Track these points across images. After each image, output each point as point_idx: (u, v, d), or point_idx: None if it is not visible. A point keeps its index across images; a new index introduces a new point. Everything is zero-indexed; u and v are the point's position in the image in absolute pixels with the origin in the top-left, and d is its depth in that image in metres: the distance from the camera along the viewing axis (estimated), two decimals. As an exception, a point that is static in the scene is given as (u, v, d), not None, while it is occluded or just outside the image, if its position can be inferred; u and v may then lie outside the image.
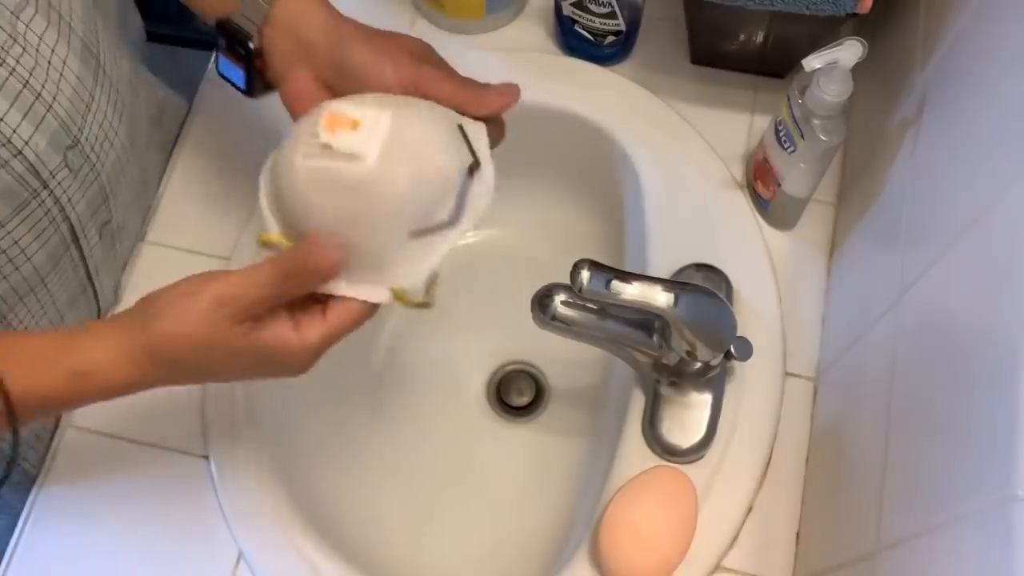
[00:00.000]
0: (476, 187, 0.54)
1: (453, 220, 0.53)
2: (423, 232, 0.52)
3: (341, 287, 0.52)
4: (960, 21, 0.59)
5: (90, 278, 0.71)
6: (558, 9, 0.81)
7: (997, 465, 0.39)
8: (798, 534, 0.68)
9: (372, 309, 0.53)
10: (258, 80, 0.61)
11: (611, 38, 0.81)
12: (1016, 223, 0.43)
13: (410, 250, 0.52)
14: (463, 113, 0.57)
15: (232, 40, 0.60)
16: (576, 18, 0.80)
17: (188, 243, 0.79)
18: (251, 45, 0.59)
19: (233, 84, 0.63)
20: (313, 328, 0.51)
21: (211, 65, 0.86)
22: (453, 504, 0.82)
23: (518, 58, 0.84)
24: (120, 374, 0.51)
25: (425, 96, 0.56)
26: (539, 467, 0.83)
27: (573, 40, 0.83)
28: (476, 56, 0.84)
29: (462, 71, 0.62)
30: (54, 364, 0.50)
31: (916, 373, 0.52)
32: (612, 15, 0.78)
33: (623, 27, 0.79)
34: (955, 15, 0.60)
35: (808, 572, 0.64)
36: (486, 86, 0.59)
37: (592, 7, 0.78)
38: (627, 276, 0.60)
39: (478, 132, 0.56)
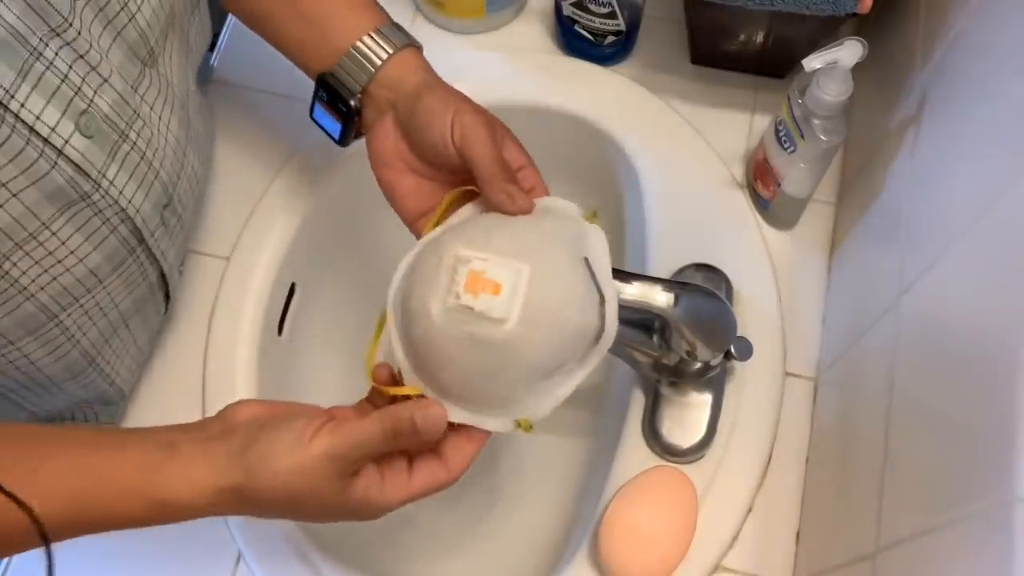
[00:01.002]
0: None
1: (582, 360, 0.53)
2: (552, 374, 0.52)
3: (466, 416, 0.52)
4: (960, 21, 0.59)
5: (167, 308, 0.72)
6: (558, 9, 0.81)
7: (997, 466, 0.39)
8: (798, 534, 0.68)
9: (454, 476, 0.53)
10: (352, 132, 0.63)
11: (611, 38, 0.81)
12: (1016, 223, 0.43)
13: (538, 389, 0.52)
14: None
15: (334, 95, 0.62)
16: (576, 18, 0.80)
17: (190, 243, 0.79)
18: (353, 104, 0.61)
19: (327, 132, 0.65)
20: (398, 489, 0.51)
21: (213, 63, 0.86)
22: (453, 504, 0.82)
23: (518, 58, 0.84)
24: (202, 506, 0.49)
25: (464, 152, 0.56)
26: (539, 467, 0.83)
27: (573, 40, 0.83)
28: (476, 56, 0.84)
29: (462, 71, 0.62)
30: (137, 494, 0.48)
31: (916, 373, 0.52)
32: (612, 15, 0.78)
33: (623, 27, 0.80)
34: (955, 15, 0.60)
35: (808, 572, 0.64)
36: (522, 178, 0.57)
37: (592, 7, 0.78)
38: (627, 276, 0.60)
39: (602, 258, 0.55)
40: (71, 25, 0.52)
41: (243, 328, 0.75)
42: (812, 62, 0.64)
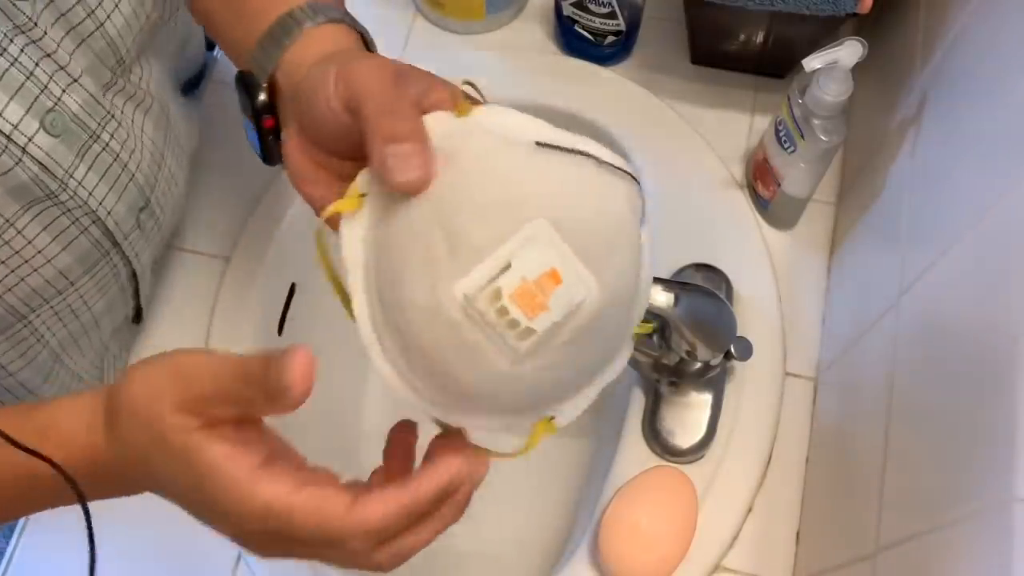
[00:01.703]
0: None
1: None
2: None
3: (479, 422, 0.42)
4: (960, 21, 0.59)
5: (139, 308, 0.71)
6: (558, 9, 0.81)
7: (997, 466, 0.39)
8: (798, 534, 0.68)
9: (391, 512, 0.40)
10: (275, 143, 0.51)
11: (611, 38, 0.81)
12: (1016, 223, 0.43)
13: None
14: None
15: (245, 95, 0.51)
16: (576, 18, 0.80)
17: (190, 243, 0.79)
18: (261, 98, 0.50)
19: (254, 150, 0.53)
20: (275, 483, 0.39)
21: (213, 63, 0.86)
22: (453, 504, 0.82)
23: (518, 58, 0.84)
24: (78, 432, 0.43)
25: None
26: (539, 467, 0.83)
27: (573, 40, 0.83)
28: (476, 56, 0.84)
29: (462, 71, 0.61)
30: (20, 429, 0.43)
31: (916, 373, 0.52)
32: (612, 15, 0.78)
33: (623, 27, 0.79)
34: (955, 15, 0.60)
35: (808, 572, 0.64)
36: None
37: (592, 7, 0.78)
38: (627, 276, 0.60)
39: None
40: (36, 25, 0.51)
41: (243, 328, 0.75)
42: (812, 62, 0.64)
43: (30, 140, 0.51)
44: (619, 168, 0.42)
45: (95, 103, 0.56)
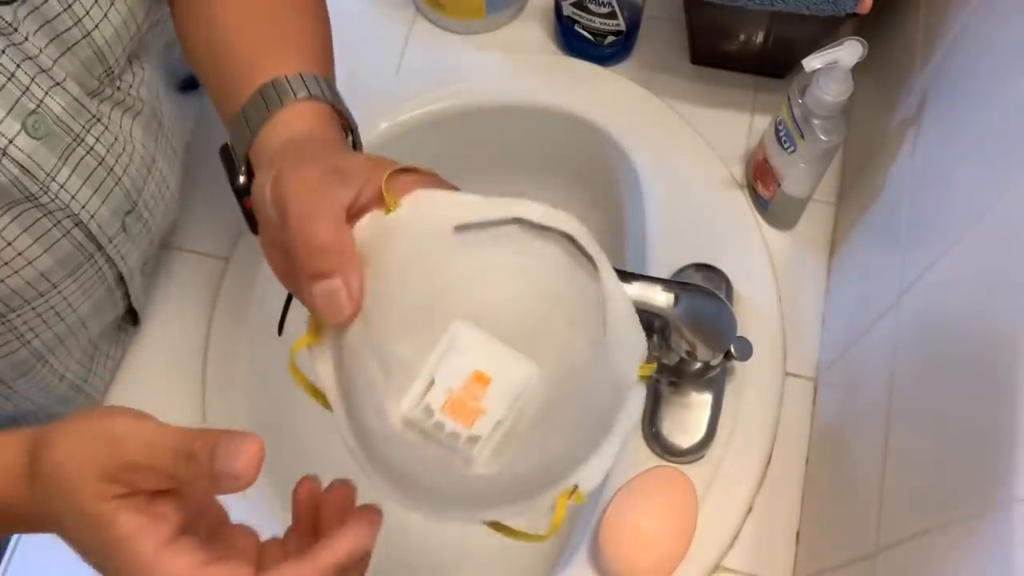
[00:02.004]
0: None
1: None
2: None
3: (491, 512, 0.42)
4: (960, 21, 0.59)
5: (131, 309, 0.71)
6: (558, 9, 0.81)
7: (997, 465, 0.39)
8: (798, 534, 0.68)
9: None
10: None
11: (611, 38, 0.81)
12: (1016, 223, 0.43)
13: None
14: None
15: (226, 170, 0.52)
16: (576, 18, 0.80)
17: (189, 243, 0.79)
18: (240, 180, 0.51)
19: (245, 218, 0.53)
20: (177, 560, 0.39)
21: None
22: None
23: (518, 58, 0.84)
24: (3, 461, 0.42)
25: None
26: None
27: (573, 40, 0.83)
28: (476, 56, 0.84)
29: (462, 71, 0.60)
30: None
31: (916, 373, 0.52)
32: (612, 15, 0.78)
33: (623, 27, 0.79)
34: (955, 15, 0.60)
35: (808, 572, 0.64)
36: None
37: (592, 7, 0.78)
38: (627, 276, 0.60)
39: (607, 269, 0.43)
40: (16, 30, 0.50)
41: (243, 328, 0.75)
42: (812, 62, 0.64)
43: (10, 142, 0.51)
44: (549, 227, 0.41)
45: (80, 107, 0.55)
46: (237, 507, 0.45)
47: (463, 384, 0.38)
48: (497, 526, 0.44)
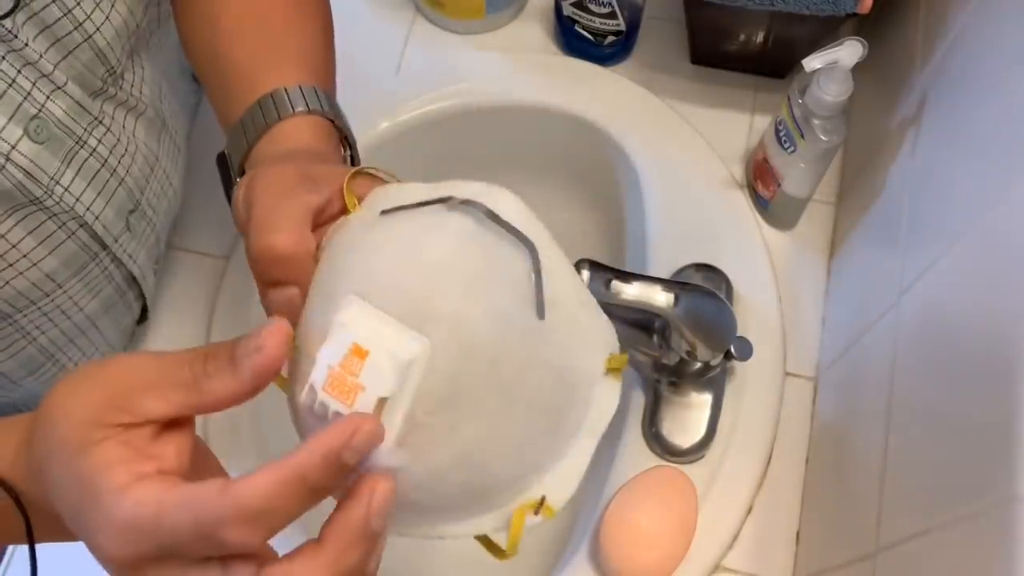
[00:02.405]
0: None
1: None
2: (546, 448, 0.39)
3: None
4: (960, 20, 0.59)
5: (145, 309, 0.71)
6: (558, 9, 0.81)
7: (997, 465, 0.39)
8: (798, 534, 0.68)
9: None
10: None
11: (611, 38, 0.81)
12: (1016, 223, 0.43)
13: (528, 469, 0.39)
14: None
15: (222, 180, 0.52)
16: (576, 18, 0.80)
17: (190, 243, 0.79)
18: (235, 189, 0.49)
19: None
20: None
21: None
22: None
23: (518, 58, 0.84)
24: (8, 443, 0.39)
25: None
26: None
27: (573, 40, 0.83)
28: (476, 56, 0.84)
29: (462, 71, 0.60)
30: None
31: (916, 373, 0.52)
32: (612, 15, 0.78)
33: (623, 27, 0.79)
34: (955, 15, 0.60)
35: (808, 572, 0.64)
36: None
37: (592, 7, 0.78)
38: (627, 276, 0.60)
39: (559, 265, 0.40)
40: (16, 36, 0.50)
41: (243, 328, 0.75)
42: (812, 62, 0.64)
43: (13, 147, 0.51)
44: (474, 203, 0.38)
45: (81, 109, 0.55)
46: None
47: (340, 360, 0.35)
48: (484, 540, 0.40)
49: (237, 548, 0.32)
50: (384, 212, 0.40)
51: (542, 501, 0.38)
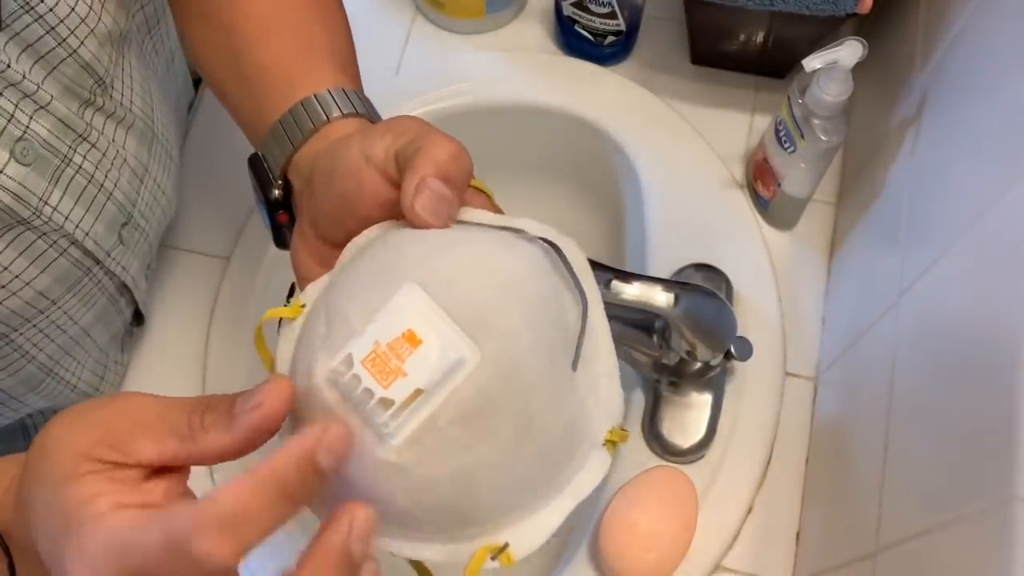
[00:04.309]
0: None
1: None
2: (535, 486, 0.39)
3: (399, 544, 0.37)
4: (960, 21, 0.59)
5: (137, 314, 0.71)
6: (558, 9, 0.81)
7: (997, 465, 0.39)
8: (798, 534, 0.68)
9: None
10: (288, 231, 0.50)
11: (611, 38, 0.81)
12: (1016, 223, 0.43)
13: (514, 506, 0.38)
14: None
15: (261, 184, 0.50)
16: (576, 18, 0.80)
17: (190, 243, 0.79)
18: (274, 195, 0.49)
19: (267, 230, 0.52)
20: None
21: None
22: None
23: (518, 58, 0.84)
24: None
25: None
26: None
27: (573, 40, 0.83)
28: (476, 56, 0.84)
29: (462, 71, 0.60)
30: None
31: (916, 373, 0.52)
32: (612, 15, 0.78)
33: (623, 27, 0.79)
34: (955, 15, 0.60)
35: (808, 572, 0.64)
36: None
37: (592, 7, 0.78)
38: (627, 276, 0.60)
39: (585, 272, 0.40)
40: None
41: (243, 328, 0.75)
42: (812, 62, 0.64)
43: (1, 171, 0.50)
44: (538, 237, 0.39)
45: (65, 128, 0.54)
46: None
47: (391, 340, 0.35)
48: (417, 565, 0.40)
49: (210, 562, 0.30)
50: (460, 222, 0.40)
51: (504, 547, 0.37)
